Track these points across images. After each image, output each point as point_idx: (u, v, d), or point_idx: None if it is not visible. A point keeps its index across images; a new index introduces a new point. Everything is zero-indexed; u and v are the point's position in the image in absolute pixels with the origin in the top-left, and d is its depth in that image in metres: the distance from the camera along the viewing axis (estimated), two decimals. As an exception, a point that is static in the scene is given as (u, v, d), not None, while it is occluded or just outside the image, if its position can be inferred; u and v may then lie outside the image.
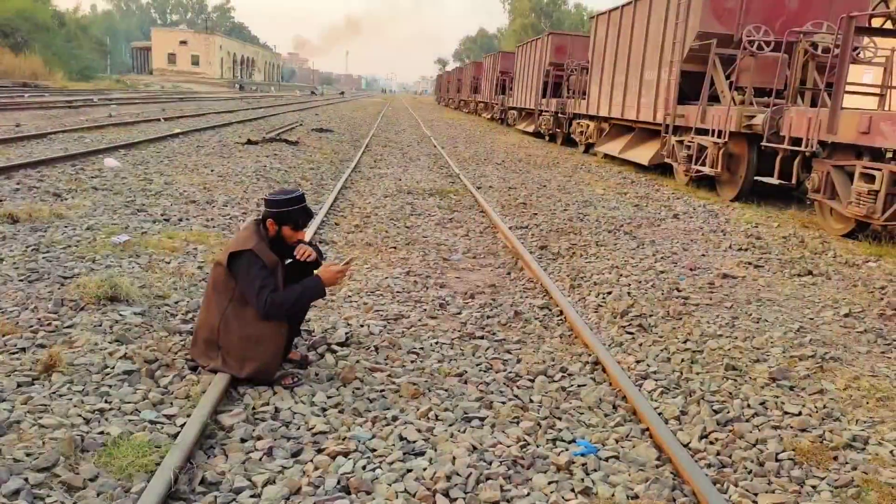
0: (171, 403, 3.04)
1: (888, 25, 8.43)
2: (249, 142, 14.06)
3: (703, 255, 6.32)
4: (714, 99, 11.12)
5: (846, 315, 4.64)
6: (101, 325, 3.70)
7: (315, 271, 3.40)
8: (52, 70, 42.02)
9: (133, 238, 5.58)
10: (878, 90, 9.53)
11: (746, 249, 6.61)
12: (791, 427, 3.06)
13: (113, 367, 3.26)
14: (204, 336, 3.34)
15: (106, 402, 2.97)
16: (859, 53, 9.76)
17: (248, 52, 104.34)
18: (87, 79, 48.19)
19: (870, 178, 7.15)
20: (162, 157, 11.12)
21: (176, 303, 4.27)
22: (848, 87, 8.63)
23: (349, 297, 4.78)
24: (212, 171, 10.02)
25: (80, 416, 2.82)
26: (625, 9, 14.60)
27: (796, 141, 8.53)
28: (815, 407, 3.25)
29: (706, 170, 10.52)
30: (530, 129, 23.69)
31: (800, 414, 3.18)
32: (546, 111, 21.42)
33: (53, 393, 2.99)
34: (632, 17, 14.09)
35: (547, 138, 21.66)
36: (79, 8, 76.20)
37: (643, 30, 13.41)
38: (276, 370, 3.33)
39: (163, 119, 19.36)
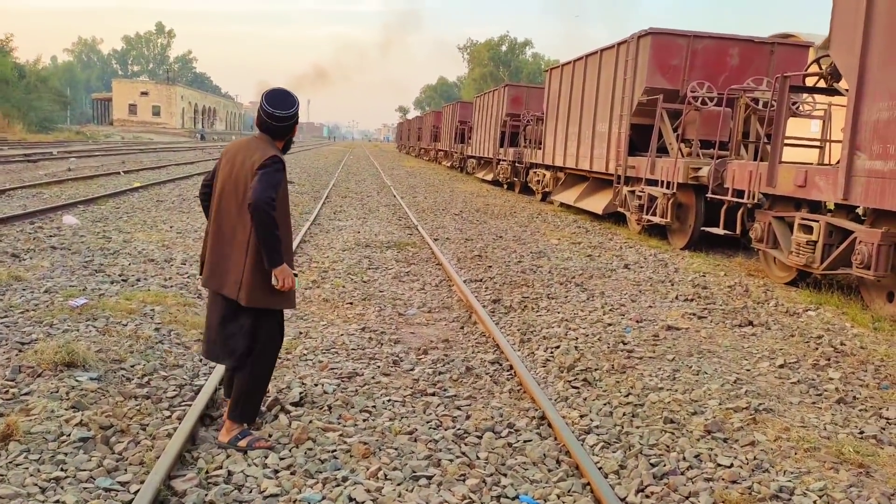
0: (126, 470, 3.10)
1: (821, 84, 8.98)
2: (210, 195, 14.09)
3: (651, 306, 6.57)
4: (663, 150, 11.62)
5: (781, 366, 4.88)
6: (57, 392, 3.76)
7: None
8: (11, 122, 41.81)
9: (91, 301, 5.62)
10: (817, 143, 10.08)
11: (692, 300, 6.89)
12: (723, 479, 3.23)
13: (69, 435, 3.31)
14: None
15: (62, 470, 3.03)
16: (798, 108, 10.36)
17: (209, 102, 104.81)
18: (46, 130, 47.78)
19: (808, 229, 7.54)
20: (121, 213, 11.13)
21: (132, 366, 4.32)
22: (790, 140, 9.16)
23: (304, 355, 4.87)
24: (171, 227, 10.06)
25: (36, 485, 2.88)
26: (576, 63, 15.24)
27: (740, 193, 8.95)
28: (746, 458, 3.43)
29: (657, 219, 10.92)
30: (489, 177, 24.22)
31: (731, 466, 3.35)
32: (504, 160, 21.96)
33: (10, 462, 3.05)
34: (583, 71, 14.71)
35: (505, 186, 22.14)
36: (39, 60, 75.89)
37: (594, 84, 14.00)
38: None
39: (122, 172, 19.33)
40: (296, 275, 3.49)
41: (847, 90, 7.14)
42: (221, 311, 3.50)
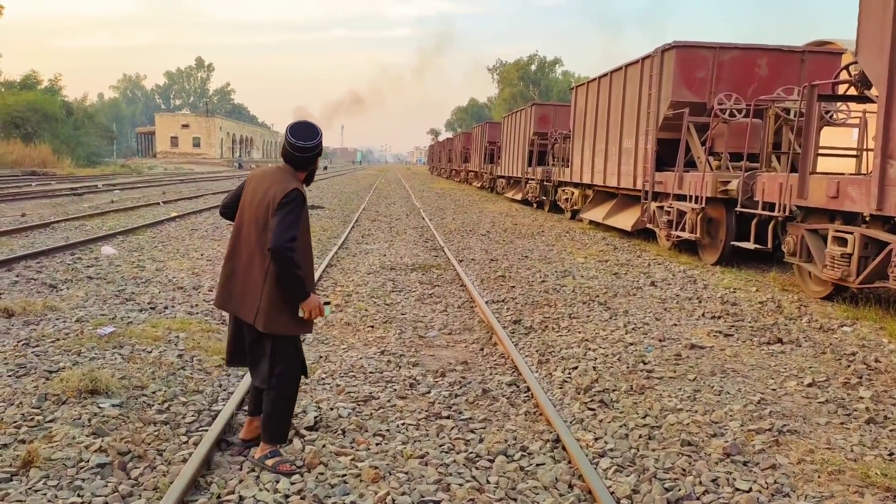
0: (140, 495, 3.15)
1: (852, 91, 8.75)
2: (242, 222, 14.35)
3: (675, 324, 6.44)
4: (691, 164, 11.45)
5: (809, 385, 4.72)
6: (80, 419, 3.86)
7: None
8: (61, 157, 43.23)
9: (118, 329, 5.75)
10: (854, 152, 9.80)
11: (719, 317, 6.73)
12: None
13: (88, 461, 3.39)
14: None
15: (78, 496, 3.09)
16: (832, 116, 10.13)
17: (246, 132, 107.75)
18: (93, 164, 49.35)
19: (842, 242, 7.31)
20: (157, 243, 11.42)
21: (153, 392, 4.40)
22: (826, 150, 8.92)
23: (322, 379, 4.89)
24: (202, 255, 10.27)
25: (51, 511, 2.93)
26: (601, 80, 15.19)
27: (770, 206, 8.75)
28: (766, 483, 3.31)
29: (686, 235, 10.74)
30: (518, 196, 24.20)
31: (750, 490, 3.24)
32: (532, 179, 21.92)
33: (30, 489, 3.12)
34: (609, 87, 14.65)
35: (535, 205, 22.08)
36: (86, 97, 78.72)
37: (620, 99, 13.92)
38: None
39: (162, 203, 19.84)
40: (327, 303, 3.57)
41: (877, 97, 6.95)
42: (247, 333, 3.60)
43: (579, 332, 6.13)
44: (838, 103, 9.93)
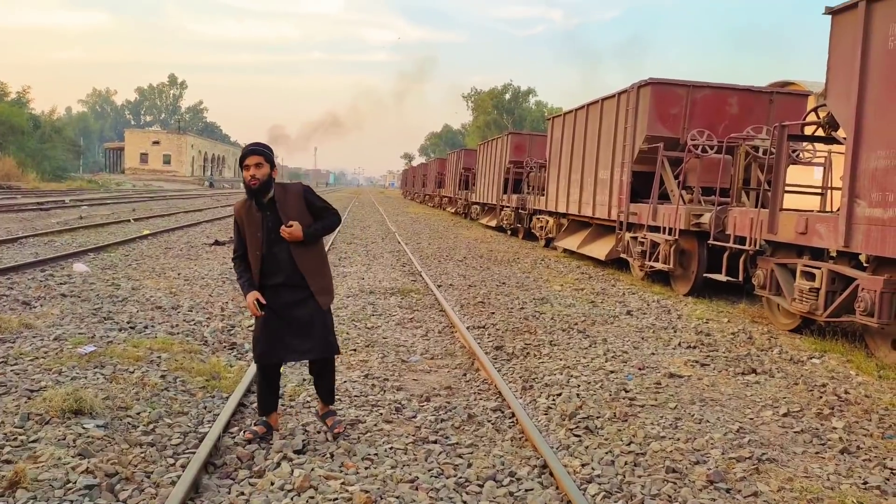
0: (128, 519, 3.12)
1: (820, 133, 9.11)
2: (217, 242, 14.29)
3: (653, 353, 6.58)
4: (665, 197, 11.76)
5: (785, 415, 4.87)
6: (65, 439, 3.82)
7: (252, 292, 4.07)
8: (26, 171, 42.66)
9: (99, 348, 5.68)
10: (819, 190, 10.17)
11: (695, 347, 6.90)
12: (724, 529, 3.21)
13: (75, 482, 3.35)
14: None
15: (68, 518, 3.04)
16: (799, 155, 10.51)
17: (218, 151, 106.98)
18: (59, 179, 48.62)
19: (810, 276, 7.56)
20: (130, 261, 11.28)
21: (138, 413, 4.36)
22: (793, 188, 9.26)
23: (308, 402, 4.89)
24: (178, 274, 10.17)
25: (40, 534, 2.90)
26: (578, 112, 15.54)
27: (741, 239, 9.02)
28: (748, 509, 3.42)
29: (659, 265, 10.98)
30: (493, 223, 24.44)
31: (733, 516, 3.34)
32: (507, 206, 22.19)
33: (17, 510, 3.07)
34: (585, 119, 14.99)
35: (509, 233, 22.32)
36: (54, 110, 77.74)
37: (596, 132, 14.24)
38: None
39: (133, 220, 19.61)
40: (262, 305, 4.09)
41: (845, 139, 7.26)
42: None
43: (561, 360, 6.23)
44: (804, 143, 10.33)
